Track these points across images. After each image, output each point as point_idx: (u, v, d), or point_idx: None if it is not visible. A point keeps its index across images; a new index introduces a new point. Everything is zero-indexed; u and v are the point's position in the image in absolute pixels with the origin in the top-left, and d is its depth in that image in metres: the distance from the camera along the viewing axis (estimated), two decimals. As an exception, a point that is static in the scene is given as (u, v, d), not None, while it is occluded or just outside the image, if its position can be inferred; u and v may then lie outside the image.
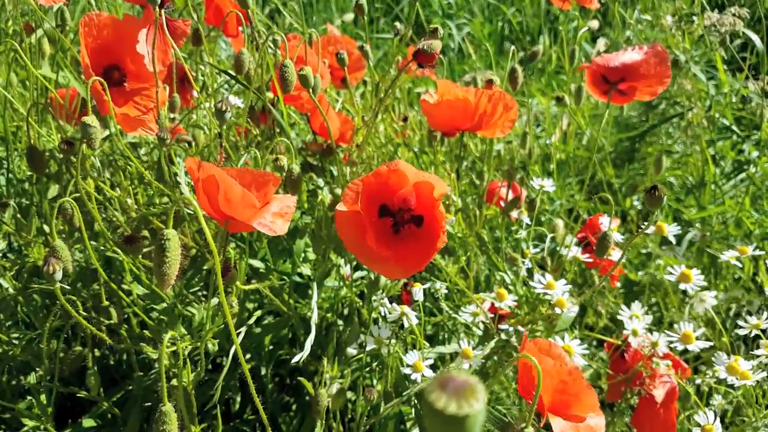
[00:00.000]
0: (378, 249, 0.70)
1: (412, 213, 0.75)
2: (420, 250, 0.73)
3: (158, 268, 0.62)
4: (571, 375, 0.83)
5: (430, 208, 0.72)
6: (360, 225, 0.71)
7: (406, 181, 0.71)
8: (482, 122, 1.08)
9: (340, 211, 0.71)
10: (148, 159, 1.23)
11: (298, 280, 1.27)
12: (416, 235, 0.75)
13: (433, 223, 0.72)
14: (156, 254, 0.61)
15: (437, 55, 0.98)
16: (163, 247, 0.61)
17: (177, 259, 0.62)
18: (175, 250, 0.62)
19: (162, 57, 1.02)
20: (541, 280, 1.01)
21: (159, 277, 0.62)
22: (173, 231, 0.62)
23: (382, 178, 0.71)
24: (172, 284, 0.63)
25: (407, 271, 0.72)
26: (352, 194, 0.70)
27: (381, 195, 0.73)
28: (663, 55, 1.09)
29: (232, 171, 0.79)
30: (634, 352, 1.19)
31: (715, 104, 2.41)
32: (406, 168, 0.70)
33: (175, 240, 0.62)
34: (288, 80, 0.92)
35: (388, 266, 0.71)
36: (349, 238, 0.72)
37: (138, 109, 1.02)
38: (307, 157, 1.39)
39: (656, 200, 0.75)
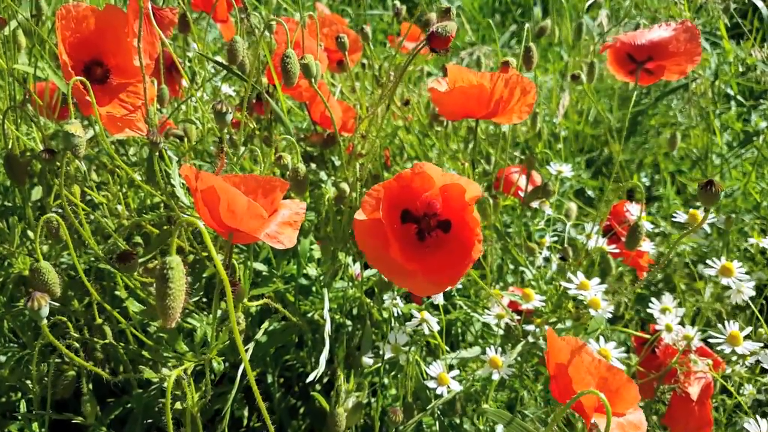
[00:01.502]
0: (403, 261, 0.62)
1: (439, 218, 0.67)
2: (451, 261, 0.65)
3: (161, 301, 0.53)
4: (610, 371, 0.77)
5: (459, 213, 0.64)
6: (382, 235, 0.63)
7: (431, 185, 0.63)
8: (498, 109, 1.00)
9: (359, 220, 0.63)
10: (137, 158, 1.13)
11: (304, 282, 1.19)
12: (445, 244, 0.67)
13: (464, 231, 0.64)
14: (158, 286, 0.53)
15: (452, 39, 0.89)
16: (165, 277, 0.53)
17: (182, 289, 0.54)
18: (180, 279, 0.54)
19: (149, 50, 0.93)
20: (573, 280, 0.93)
21: (162, 312, 0.54)
22: (177, 258, 0.53)
23: (404, 181, 0.63)
24: (177, 318, 0.55)
25: (438, 285, 0.64)
26: (371, 201, 0.62)
27: (403, 199, 0.65)
28: (693, 32, 1.00)
29: (235, 179, 0.71)
30: (665, 347, 1.12)
31: (721, 74, 2.33)
32: (432, 170, 0.61)
33: (179, 268, 0.53)
34: (291, 72, 0.84)
35: (416, 281, 0.63)
36: (371, 250, 0.64)
37: (124, 108, 0.93)
38: (307, 148, 1.30)
39: (712, 196, 0.68)
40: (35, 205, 1.15)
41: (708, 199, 0.68)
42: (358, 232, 0.64)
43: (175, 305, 0.54)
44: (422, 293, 0.65)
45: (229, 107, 0.72)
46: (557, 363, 0.77)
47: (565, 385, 0.76)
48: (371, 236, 0.64)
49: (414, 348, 0.96)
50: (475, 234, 0.62)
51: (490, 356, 0.91)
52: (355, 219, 0.63)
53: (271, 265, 1.19)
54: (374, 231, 0.63)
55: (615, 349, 0.93)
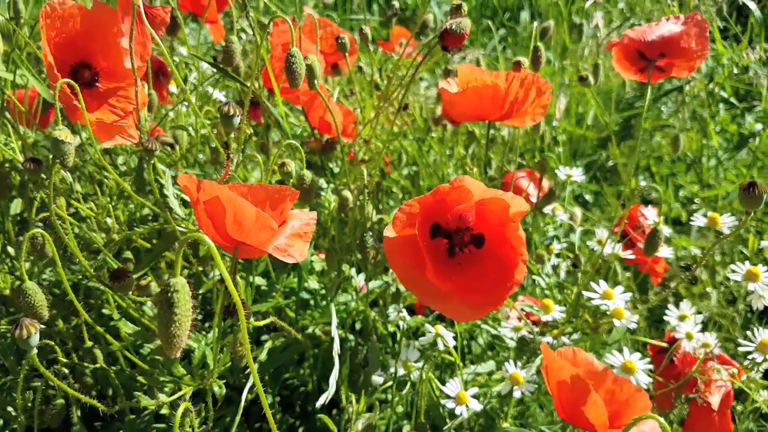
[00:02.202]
0: (438, 282, 0.56)
1: (472, 232, 0.61)
2: (490, 282, 0.59)
3: (164, 329, 0.47)
4: (616, 383, 0.72)
5: (498, 229, 0.59)
6: (415, 254, 0.57)
7: (468, 198, 0.58)
8: (513, 110, 0.95)
9: (390, 237, 0.57)
10: (126, 168, 1.07)
11: (306, 296, 1.13)
12: (479, 262, 0.62)
13: (504, 249, 0.58)
14: (161, 312, 0.47)
15: (467, 36, 0.84)
16: (170, 302, 0.47)
17: (189, 314, 0.48)
18: (186, 303, 0.47)
19: (141, 51, 0.87)
20: (596, 289, 0.88)
21: (166, 341, 0.47)
22: (182, 280, 0.47)
23: (440, 195, 0.58)
24: (183, 346, 0.49)
25: (477, 309, 0.58)
26: (403, 217, 0.56)
27: (434, 213, 0.59)
28: (703, 25, 0.96)
29: (242, 188, 0.65)
30: (683, 355, 1.08)
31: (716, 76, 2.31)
32: (473, 185, 0.56)
33: (185, 291, 0.47)
34: (296, 72, 0.78)
35: (452, 304, 0.58)
36: (402, 270, 0.58)
37: (115, 114, 0.87)
38: (306, 155, 1.24)
39: (755, 199, 0.63)
40: (15, 219, 1.08)
41: (750, 201, 0.63)
42: (389, 250, 0.58)
43: (180, 333, 0.48)
44: (460, 318, 0.59)
45: (237, 110, 0.66)
46: (559, 381, 0.71)
47: (571, 403, 0.71)
48: (403, 255, 0.58)
49: (427, 365, 0.90)
50: (519, 253, 0.57)
51: (511, 372, 0.85)
52: (384, 236, 0.57)
53: (269, 278, 1.13)
54: (406, 249, 0.58)
55: (640, 360, 0.88)
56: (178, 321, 0.47)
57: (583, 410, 0.66)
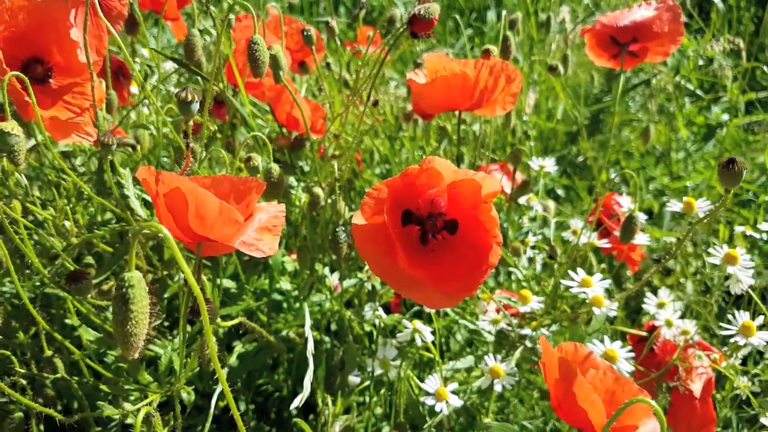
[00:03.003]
0: (411, 269, 0.53)
1: (445, 218, 0.59)
2: (465, 267, 0.56)
3: (120, 327, 0.44)
4: (618, 382, 0.70)
5: (471, 213, 0.56)
6: (386, 241, 0.54)
7: (439, 181, 0.55)
8: (483, 99, 0.93)
9: (358, 225, 0.54)
10: (86, 169, 1.02)
11: (278, 297, 1.09)
12: (454, 248, 0.59)
13: (478, 232, 0.56)
14: (116, 309, 0.43)
15: (436, 22, 0.81)
16: (125, 297, 0.43)
17: (146, 311, 0.44)
18: (143, 299, 0.44)
19: (96, 44, 0.83)
20: (574, 277, 0.86)
21: (122, 341, 0.44)
22: (137, 274, 0.44)
23: (410, 178, 0.55)
24: (141, 346, 0.45)
25: (452, 296, 0.56)
26: (371, 202, 0.54)
27: (404, 198, 0.57)
28: (675, 10, 0.95)
29: (204, 180, 0.62)
30: (663, 343, 1.07)
31: (682, 68, 2.33)
32: (443, 166, 0.53)
33: (141, 286, 0.44)
34: (260, 60, 0.74)
35: (426, 291, 0.55)
36: (373, 258, 0.55)
37: (70, 111, 0.82)
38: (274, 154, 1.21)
39: (735, 176, 0.61)
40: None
41: (730, 178, 0.61)
42: (358, 238, 0.55)
43: (137, 331, 0.44)
44: (434, 305, 0.56)
45: (195, 95, 0.63)
46: (557, 378, 0.69)
47: (570, 403, 0.69)
48: (373, 243, 0.55)
49: (405, 362, 0.87)
50: (493, 235, 0.54)
51: (491, 365, 0.83)
52: (353, 224, 0.54)
53: (239, 280, 1.09)
54: (376, 236, 0.55)
55: (622, 348, 0.86)
56: (134, 318, 0.44)
57: (581, 409, 0.64)
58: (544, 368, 0.67)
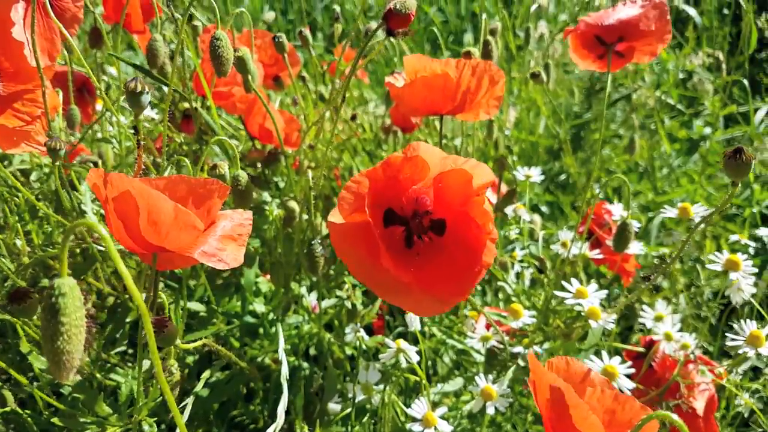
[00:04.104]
0: (396, 271, 0.47)
1: (432, 217, 0.53)
2: (455, 269, 0.50)
3: (50, 343, 0.37)
4: (617, 400, 0.63)
5: (461, 208, 0.50)
6: (368, 240, 0.48)
7: (425, 173, 0.49)
8: (466, 102, 0.88)
9: (336, 224, 0.48)
10: (43, 187, 0.95)
11: (251, 320, 1.02)
12: (442, 250, 0.53)
13: (469, 229, 0.50)
14: (45, 322, 0.37)
15: (413, 17, 0.76)
16: (54, 307, 0.36)
17: (80, 324, 0.38)
18: (77, 310, 0.37)
19: (48, 48, 0.77)
20: (568, 288, 0.81)
21: (53, 360, 0.37)
22: (70, 281, 0.37)
23: (392, 170, 0.49)
24: (76, 367, 0.38)
25: (442, 301, 0.49)
26: (350, 197, 0.47)
27: (385, 196, 0.51)
28: (662, 8, 0.91)
29: (158, 182, 0.55)
30: (662, 359, 1.01)
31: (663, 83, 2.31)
32: (429, 153, 0.47)
33: (74, 294, 0.37)
34: (223, 57, 0.69)
35: (414, 296, 0.49)
36: (354, 260, 0.49)
37: (19, 119, 0.76)
38: (246, 168, 1.15)
39: (742, 166, 0.56)
40: None
41: (737, 169, 0.56)
42: (335, 239, 0.49)
43: (70, 348, 0.37)
44: (424, 312, 0.50)
45: (145, 85, 0.57)
46: (549, 398, 0.62)
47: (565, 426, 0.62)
48: (352, 243, 0.49)
49: (389, 386, 0.80)
50: (486, 231, 0.48)
51: (482, 386, 0.76)
52: (329, 222, 0.48)
53: (209, 303, 1.02)
54: (356, 236, 0.48)
55: (621, 364, 0.80)
56: (66, 333, 0.37)
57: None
58: (534, 388, 0.61)
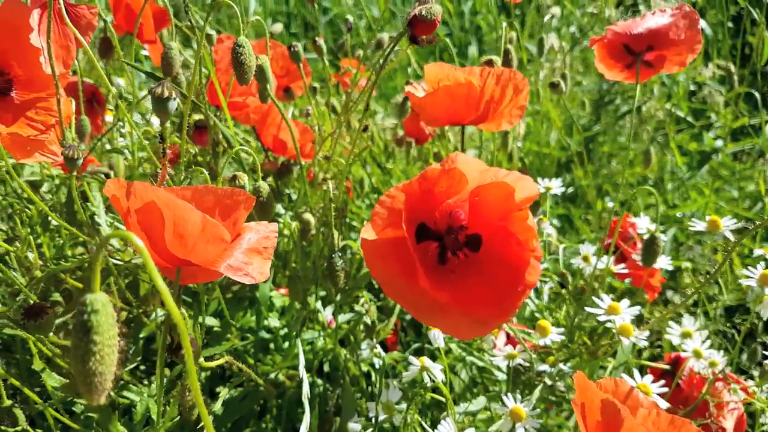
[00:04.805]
0: (434, 290, 0.44)
1: (467, 232, 0.50)
2: (495, 288, 0.48)
3: (81, 364, 0.34)
4: (674, 424, 0.60)
5: (499, 224, 0.48)
6: (403, 258, 0.45)
7: (462, 186, 0.47)
8: (489, 111, 0.85)
9: (368, 240, 0.45)
10: (53, 199, 0.93)
11: (266, 336, 0.99)
12: (479, 267, 0.50)
13: (509, 246, 0.47)
14: (75, 341, 0.34)
15: (438, 24, 0.74)
16: (86, 325, 0.34)
17: (113, 344, 0.35)
18: (110, 329, 0.35)
19: (64, 55, 0.75)
20: (599, 304, 0.78)
21: (84, 382, 0.34)
22: (102, 297, 0.35)
23: (428, 183, 0.46)
24: (108, 389, 0.36)
25: (483, 322, 0.46)
26: (383, 213, 0.45)
27: (418, 210, 0.48)
28: (692, 17, 0.90)
29: (184, 192, 0.53)
30: (689, 377, 0.98)
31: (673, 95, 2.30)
32: (468, 166, 0.45)
33: (106, 311, 0.35)
34: (246, 65, 0.66)
35: (452, 318, 0.46)
36: (387, 279, 0.46)
37: (33, 128, 0.74)
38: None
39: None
40: None
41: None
42: (368, 256, 0.46)
43: (102, 369, 0.35)
44: (463, 334, 0.47)
45: (172, 91, 0.55)
46: (600, 421, 0.59)
47: None
48: (385, 260, 0.46)
49: (412, 405, 0.78)
50: (529, 248, 0.46)
51: (511, 406, 0.73)
52: (362, 239, 0.46)
53: (223, 318, 0.99)
54: (389, 253, 0.46)
55: (654, 383, 0.77)
56: (99, 353, 0.34)
57: None
58: (581, 410, 0.58)
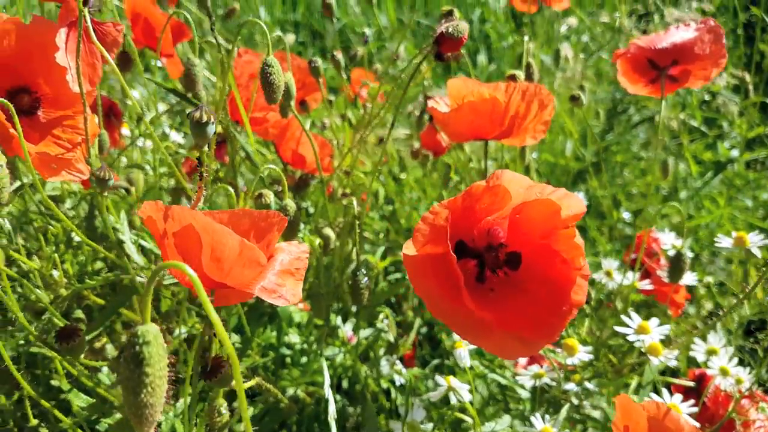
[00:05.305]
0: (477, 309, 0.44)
1: (506, 250, 0.50)
2: (540, 308, 0.47)
3: (133, 396, 0.34)
4: None
5: (541, 242, 0.47)
6: (444, 275, 0.45)
7: (504, 203, 0.46)
8: (513, 127, 0.85)
9: (409, 256, 0.45)
10: (75, 214, 0.93)
11: (287, 352, 0.99)
12: (520, 286, 0.50)
13: (553, 265, 0.47)
14: (127, 372, 0.34)
15: (465, 41, 0.74)
16: (139, 358, 0.34)
17: (164, 375, 0.35)
18: (161, 360, 0.34)
19: (90, 73, 0.75)
20: (629, 324, 0.77)
21: (135, 413, 0.34)
22: (154, 328, 0.34)
23: (471, 200, 0.46)
24: (158, 420, 0.35)
25: (527, 343, 0.46)
26: (425, 229, 0.45)
27: (457, 226, 0.48)
28: (717, 31, 0.89)
29: (221, 215, 0.52)
30: (713, 394, 0.97)
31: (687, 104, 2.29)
32: (513, 182, 0.44)
33: (158, 343, 0.34)
34: (275, 84, 0.66)
35: (494, 337, 0.45)
36: (430, 296, 0.46)
37: (60, 146, 0.74)
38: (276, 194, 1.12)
39: None
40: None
41: None
42: (411, 272, 0.46)
43: (153, 401, 0.34)
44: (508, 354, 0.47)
45: (211, 115, 0.54)
46: None
47: None
48: (430, 277, 0.46)
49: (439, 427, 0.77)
50: (575, 267, 0.45)
51: (540, 427, 0.73)
52: (404, 255, 0.45)
53: (243, 333, 0.99)
54: (429, 269, 0.45)
55: (683, 403, 0.76)
56: (150, 384, 0.34)
57: None
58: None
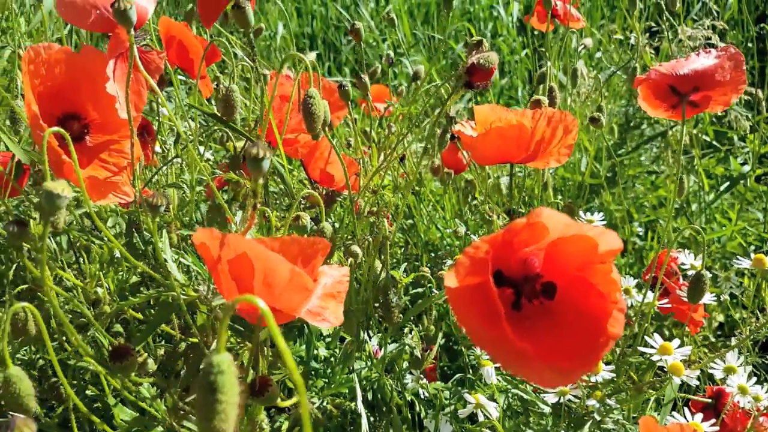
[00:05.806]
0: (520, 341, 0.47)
1: (543, 280, 0.53)
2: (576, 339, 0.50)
3: (206, 422, 0.37)
4: None
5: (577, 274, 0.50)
6: (483, 305, 0.48)
7: (542, 237, 0.49)
8: (538, 151, 0.88)
9: (451, 288, 0.48)
10: (116, 231, 0.96)
11: (316, 365, 1.02)
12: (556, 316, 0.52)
13: (589, 297, 0.49)
14: (202, 399, 0.37)
15: (495, 71, 0.77)
16: (212, 385, 0.36)
17: (236, 402, 0.38)
18: (233, 388, 0.37)
19: (135, 100, 0.78)
20: (652, 344, 0.80)
21: (208, 438, 0.37)
22: (227, 357, 0.37)
23: (511, 234, 0.49)
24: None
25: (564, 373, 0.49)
26: (466, 262, 0.48)
27: (496, 257, 0.51)
28: (738, 58, 0.92)
29: (272, 243, 0.56)
30: (732, 411, 0.99)
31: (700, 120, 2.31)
32: (552, 219, 0.47)
33: (231, 372, 0.37)
34: (315, 115, 0.70)
35: (533, 366, 0.48)
36: (472, 326, 0.49)
37: (107, 170, 0.77)
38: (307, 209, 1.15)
39: None
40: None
41: None
42: (453, 303, 0.49)
43: (226, 426, 0.37)
44: (547, 383, 0.49)
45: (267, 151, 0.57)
46: None
47: None
48: (471, 307, 0.49)
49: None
50: (612, 300, 0.48)
51: (566, 444, 0.75)
52: (445, 286, 0.48)
53: (274, 347, 1.02)
54: (473, 300, 0.48)
55: (704, 422, 0.79)
56: (223, 412, 0.37)
57: None
58: None
